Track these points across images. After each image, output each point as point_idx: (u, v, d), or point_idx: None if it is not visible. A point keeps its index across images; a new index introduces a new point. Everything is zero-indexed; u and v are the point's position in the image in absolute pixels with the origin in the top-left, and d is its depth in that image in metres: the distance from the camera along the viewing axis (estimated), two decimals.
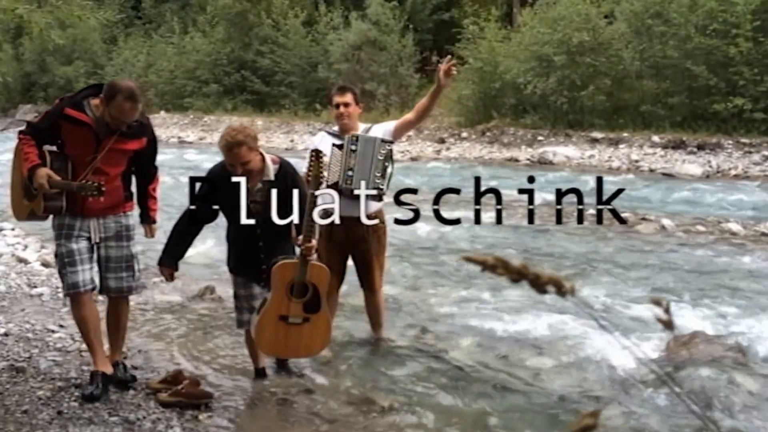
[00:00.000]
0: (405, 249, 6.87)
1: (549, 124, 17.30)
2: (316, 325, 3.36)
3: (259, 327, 3.33)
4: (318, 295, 3.32)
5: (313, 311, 3.34)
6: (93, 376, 3.28)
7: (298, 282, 3.27)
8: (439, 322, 4.66)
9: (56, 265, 3.40)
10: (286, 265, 3.29)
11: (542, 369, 3.91)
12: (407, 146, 18.20)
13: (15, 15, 4.18)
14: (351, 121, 4.07)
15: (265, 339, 3.36)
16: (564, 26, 17.00)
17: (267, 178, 3.31)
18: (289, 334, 3.33)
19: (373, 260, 4.13)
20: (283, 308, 3.30)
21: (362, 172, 3.91)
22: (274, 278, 3.28)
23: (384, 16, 22.42)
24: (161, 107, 26.28)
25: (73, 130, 3.21)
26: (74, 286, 3.24)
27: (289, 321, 3.30)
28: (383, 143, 3.97)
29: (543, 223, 8.45)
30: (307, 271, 3.27)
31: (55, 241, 3.36)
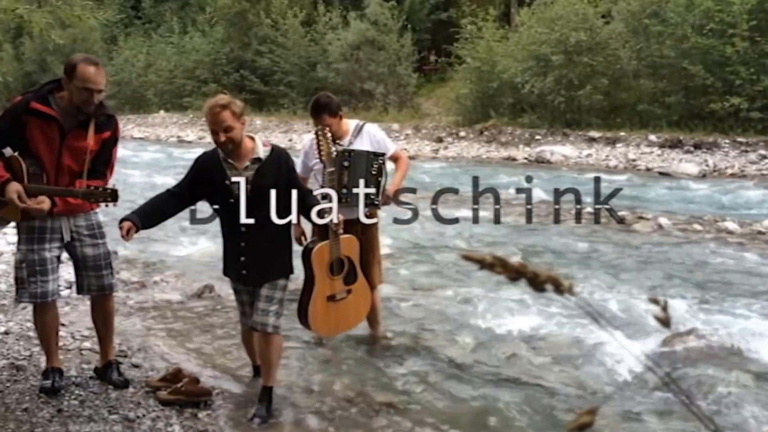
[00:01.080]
0: (403, 248, 6.88)
1: (546, 124, 17.31)
2: (359, 293, 3.55)
3: (312, 314, 3.40)
4: (354, 266, 3.50)
5: (353, 282, 3.52)
6: (47, 372, 3.30)
7: (335, 259, 3.40)
8: (437, 321, 4.66)
9: (20, 269, 3.16)
10: (322, 248, 3.37)
11: (540, 367, 3.91)
12: (405, 145, 18.23)
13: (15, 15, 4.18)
14: (338, 132, 3.91)
15: (321, 323, 3.47)
16: (561, 26, 17.02)
17: (256, 155, 3.08)
18: (338, 310, 3.48)
19: (369, 257, 4.05)
20: (329, 289, 3.43)
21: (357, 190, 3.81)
22: (315, 263, 3.36)
23: (382, 15, 22.45)
24: (160, 107, 26.32)
25: (37, 124, 3.05)
26: (44, 295, 3.17)
27: (336, 299, 3.45)
28: (375, 157, 3.89)
29: (541, 221, 8.48)
30: (340, 246, 3.39)
31: (21, 245, 3.16)
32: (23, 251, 3.15)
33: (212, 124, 2.97)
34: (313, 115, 3.95)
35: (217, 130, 2.97)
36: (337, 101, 4.00)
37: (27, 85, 29.97)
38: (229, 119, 2.96)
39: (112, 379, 3.39)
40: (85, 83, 3.02)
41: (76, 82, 3.02)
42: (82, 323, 4.23)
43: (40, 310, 3.26)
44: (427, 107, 22.52)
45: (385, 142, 4.10)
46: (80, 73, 3.01)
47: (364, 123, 4.12)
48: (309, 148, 3.96)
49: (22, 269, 3.15)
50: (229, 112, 2.97)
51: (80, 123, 3.13)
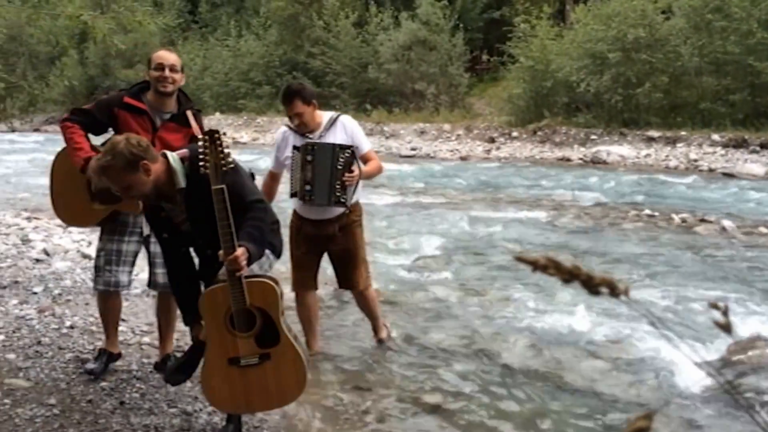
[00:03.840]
0: (453, 249, 6.84)
1: (603, 123, 16.92)
2: (281, 360, 2.60)
3: (207, 379, 2.62)
4: (271, 321, 2.57)
5: (272, 344, 2.59)
6: (100, 352, 3.45)
7: (238, 311, 2.53)
8: (488, 323, 4.60)
9: (98, 257, 3.34)
10: (213, 291, 2.55)
11: (595, 372, 3.81)
12: (456, 145, 18.14)
13: (80, 21, 4.37)
14: (310, 124, 3.65)
15: (218, 392, 2.62)
16: (619, 22, 16.59)
17: (178, 185, 2.64)
18: (248, 381, 2.59)
19: (352, 257, 3.78)
20: (230, 348, 2.57)
21: (321, 187, 3.54)
22: (203, 312, 2.59)
23: (434, 15, 22.37)
24: (216, 109, 26.93)
25: (130, 118, 3.21)
26: (116, 284, 3.34)
27: (242, 364, 2.58)
28: (342, 150, 3.53)
29: (597, 223, 8.29)
30: (244, 293, 2.52)
31: (103, 235, 3.35)
32: (104, 240, 3.35)
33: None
34: (283, 102, 3.64)
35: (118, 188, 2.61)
36: (311, 89, 3.73)
37: (90, 88, 31.26)
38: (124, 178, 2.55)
39: None
40: (157, 60, 3.23)
41: (152, 65, 3.23)
42: (142, 319, 4.38)
43: (103, 298, 3.42)
44: (479, 107, 22.32)
45: (359, 138, 3.74)
46: (153, 56, 3.26)
47: (340, 114, 3.80)
48: (281, 141, 3.75)
49: (100, 257, 3.35)
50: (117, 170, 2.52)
51: (172, 117, 3.30)
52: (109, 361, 3.46)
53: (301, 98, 3.59)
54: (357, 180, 3.59)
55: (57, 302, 4.48)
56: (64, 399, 3.14)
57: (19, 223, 6.75)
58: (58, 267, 5.33)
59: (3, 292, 4.63)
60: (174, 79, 3.25)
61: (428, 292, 5.29)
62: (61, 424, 2.90)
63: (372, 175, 3.79)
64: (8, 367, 3.44)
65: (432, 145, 18.52)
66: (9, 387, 3.21)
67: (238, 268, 2.48)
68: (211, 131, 2.52)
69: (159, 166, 2.60)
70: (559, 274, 0.77)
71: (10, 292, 4.65)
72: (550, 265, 0.77)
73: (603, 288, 0.76)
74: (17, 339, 3.83)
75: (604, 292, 0.76)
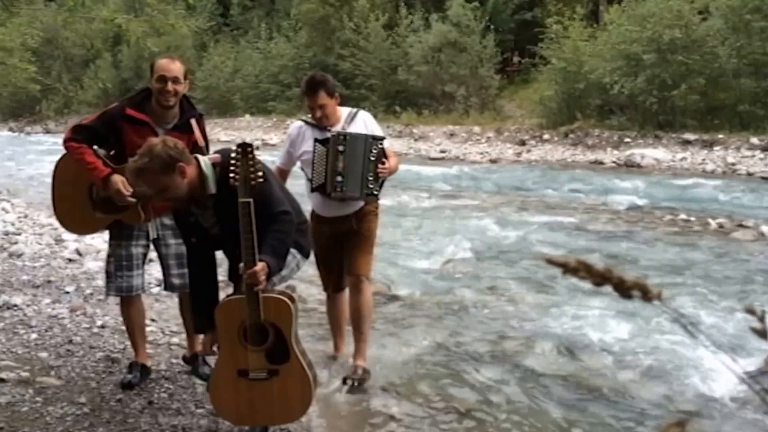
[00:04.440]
0: (484, 252, 6.77)
1: (637, 125, 16.62)
2: (288, 378, 2.62)
3: (214, 387, 2.67)
4: (283, 339, 2.59)
5: (281, 360, 2.60)
6: (133, 365, 3.42)
7: (252, 325, 2.56)
8: (518, 327, 4.54)
9: (109, 263, 3.33)
10: (229, 303, 2.60)
11: (626, 379, 3.73)
12: (486, 148, 17.99)
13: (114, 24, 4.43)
14: (331, 118, 3.51)
15: (226, 402, 2.66)
16: (654, 23, 16.28)
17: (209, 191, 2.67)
18: (255, 394, 2.62)
19: (362, 242, 3.57)
20: (240, 361, 2.60)
21: (353, 178, 3.38)
22: (218, 323, 2.62)
23: (465, 17, 22.26)
24: (246, 110, 27.23)
25: (133, 130, 3.14)
26: (129, 289, 3.33)
27: (250, 376, 2.61)
28: (374, 141, 3.42)
29: (630, 228, 8.12)
30: (259, 308, 2.54)
31: (111, 240, 3.34)
32: (112, 246, 3.34)
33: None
34: (307, 92, 3.45)
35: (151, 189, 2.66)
36: (334, 82, 3.57)
37: (123, 90, 31.84)
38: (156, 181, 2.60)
39: (199, 372, 3.51)
40: (159, 71, 3.14)
41: (154, 75, 3.16)
42: (172, 319, 4.41)
43: (125, 304, 3.42)
44: (509, 109, 22.12)
45: (380, 133, 3.61)
46: (156, 66, 3.18)
47: (359, 110, 3.65)
48: (296, 136, 3.57)
49: (110, 263, 3.34)
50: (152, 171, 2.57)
51: (175, 126, 3.26)
52: (144, 373, 3.43)
53: (325, 89, 3.44)
54: (389, 173, 3.48)
55: (88, 302, 4.54)
56: (94, 398, 3.17)
57: (52, 224, 6.87)
58: (90, 267, 5.41)
59: (36, 291, 4.72)
60: (176, 90, 3.18)
61: (456, 296, 5.24)
62: (90, 423, 2.93)
63: (396, 170, 3.65)
64: (40, 365, 3.49)
65: (461, 147, 18.41)
66: (41, 385, 3.25)
67: (256, 282, 2.49)
68: (243, 144, 2.52)
69: (193, 169, 2.61)
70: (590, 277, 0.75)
71: (43, 291, 4.73)
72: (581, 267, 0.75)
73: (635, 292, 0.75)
74: (49, 338, 3.88)
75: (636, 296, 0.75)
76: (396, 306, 4.97)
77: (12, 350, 3.66)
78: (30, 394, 3.13)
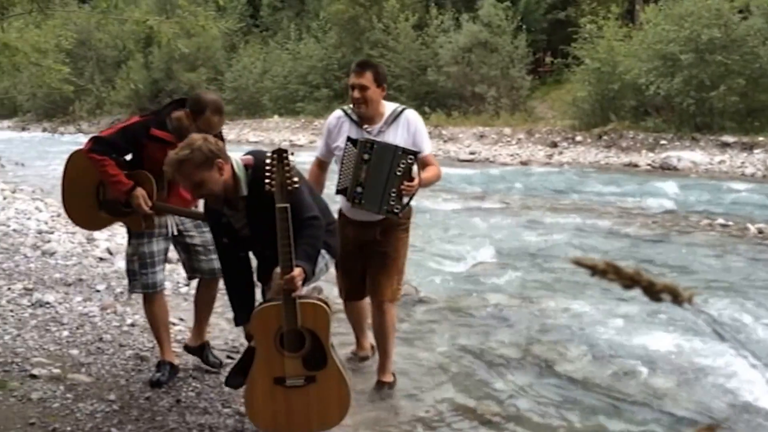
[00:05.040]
0: (513, 255, 6.68)
1: (673, 127, 16.25)
2: (326, 384, 2.59)
3: (250, 395, 2.62)
4: (320, 344, 2.56)
5: (319, 366, 2.58)
6: (160, 364, 3.46)
7: (289, 331, 2.53)
8: (547, 332, 4.48)
9: (131, 262, 3.38)
10: (265, 309, 2.56)
11: (657, 385, 3.66)
12: (517, 150, 17.80)
13: (146, 26, 4.48)
14: (370, 107, 3.24)
15: (261, 410, 2.62)
16: (692, 22, 15.90)
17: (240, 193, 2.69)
18: (291, 401, 2.58)
19: (387, 263, 3.36)
20: (276, 368, 2.56)
21: (374, 192, 3.15)
22: (254, 329, 2.60)
23: (496, 17, 22.04)
24: (275, 111, 27.39)
25: (157, 148, 3.22)
26: (153, 286, 3.39)
27: (287, 384, 2.58)
28: (404, 155, 3.13)
29: (666, 232, 7.93)
30: (296, 314, 2.52)
31: (132, 239, 3.39)
32: (134, 245, 3.39)
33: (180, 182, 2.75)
34: (354, 69, 3.25)
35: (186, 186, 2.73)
36: (386, 74, 3.33)
37: (155, 91, 32.40)
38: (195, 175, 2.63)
39: (209, 360, 3.56)
40: (208, 130, 3.19)
41: (200, 124, 3.22)
42: None
43: (149, 301, 3.46)
44: (541, 111, 21.84)
45: (422, 138, 3.31)
46: (206, 120, 3.23)
47: (405, 108, 3.36)
48: (334, 127, 3.36)
49: (133, 262, 3.39)
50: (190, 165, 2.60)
51: None
52: (172, 372, 3.47)
53: (374, 72, 3.22)
54: (415, 191, 3.20)
55: (118, 300, 4.60)
56: (124, 395, 3.20)
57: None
58: (120, 266, 5.48)
59: (68, 290, 4.79)
60: None
61: (485, 299, 5.20)
62: (119, 420, 2.96)
63: (430, 182, 3.38)
64: (71, 362, 3.54)
65: (491, 149, 18.23)
66: (72, 382, 3.30)
67: (293, 288, 2.50)
68: (279, 150, 2.54)
69: (229, 169, 2.64)
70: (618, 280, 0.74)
71: (75, 290, 4.80)
72: (610, 270, 0.74)
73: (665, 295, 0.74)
74: (80, 335, 3.94)
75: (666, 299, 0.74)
76: (423, 309, 4.94)
77: (44, 347, 3.72)
78: (61, 391, 3.18)
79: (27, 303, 4.39)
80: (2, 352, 3.60)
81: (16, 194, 9.47)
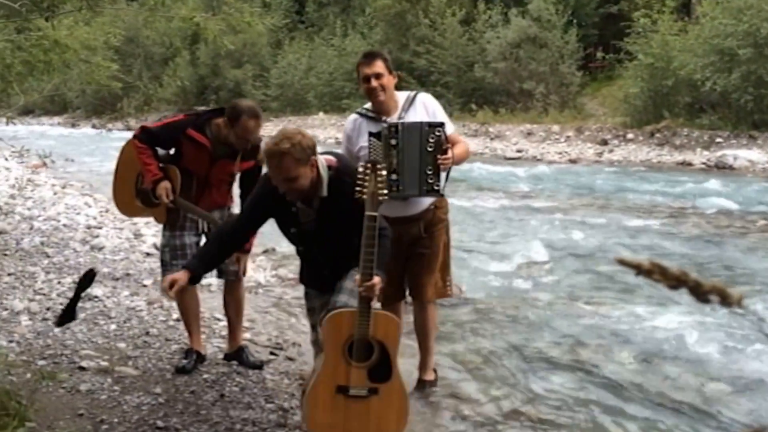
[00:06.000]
0: (562, 255, 6.55)
1: (730, 125, 15.64)
2: (388, 398, 2.55)
3: (310, 401, 2.58)
4: (388, 357, 2.53)
5: (383, 379, 2.55)
6: (188, 352, 3.56)
7: (359, 339, 2.51)
8: (594, 334, 4.37)
9: (164, 253, 3.51)
10: (339, 316, 2.54)
11: (709, 391, 3.53)
12: (566, 148, 17.43)
13: (193, 23, 4.55)
14: (387, 95, 3.18)
15: (320, 417, 2.58)
16: (751, 16, 15.25)
17: (320, 194, 2.66)
18: (351, 411, 2.55)
19: (428, 262, 3.30)
20: (341, 376, 2.54)
21: (410, 174, 3.06)
22: (325, 335, 2.57)
23: (546, 11, 21.61)
24: (320, 108, 27.48)
25: (191, 148, 3.40)
26: None
27: (350, 393, 2.55)
28: (431, 129, 3.06)
29: (719, 233, 7.63)
30: (369, 323, 2.51)
31: (165, 231, 3.51)
32: (166, 237, 3.52)
33: (274, 173, 2.67)
34: (363, 61, 3.20)
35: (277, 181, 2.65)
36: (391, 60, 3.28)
37: (201, 88, 32.98)
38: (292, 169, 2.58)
39: (249, 362, 3.58)
40: (245, 135, 3.33)
41: (237, 130, 3.32)
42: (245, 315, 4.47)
43: (180, 292, 3.50)
44: (591, 108, 21.33)
45: (442, 117, 3.24)
46: (242, 125, 3.30)
47: (417, 92, 3.35)
48: (352, 131, 3.28)
49: (165, 252, 3.51)
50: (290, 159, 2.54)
51: (229, 154, 3.45)
52: (199, 360, 3.55)
53: (384, 60, 3.18)
54: (451, 163, 3.11)
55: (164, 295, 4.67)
56: (169, 389, 3.26)
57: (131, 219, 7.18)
58: None
59: (116, 284, 4.91)
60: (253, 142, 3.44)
61: (531, 300, 5.12)
62: (165, 413, 3.00)
63: (462, 159, 3.27)
64: (119, 355, 3.62)
65: (539, 147, 17.90)
66: (119, 374, 3.37)
67: (372, 296, 2.50)
68: (373, 161, 2.56)
69: (316, 167, 2.63)
70: (664, 280, 0.73)
71: (123, 284, 4.92)
72: (655, 269, 0.73)
73: (713, 296, 0.73)
74: (128, 329, 4.02)
75: (713, 301, 0.73)
76: (468, 309, 4.90)
77: (93, 340, 3.81)
78: (108, 383, 3.25)
79: None
80: (52, 344, 3.71)
81: (66, 190, 9.77)
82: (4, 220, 6.96)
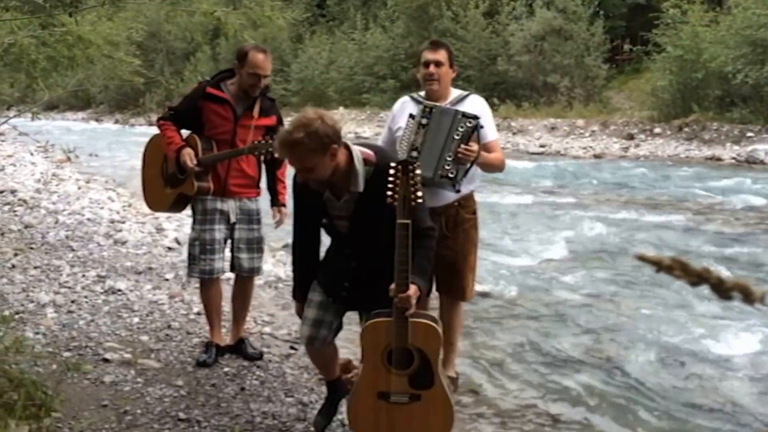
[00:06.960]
0: (584, 251, 6.48)
1: (762, 119, 15.28)
2: (431, 404, 2.54)
3: (354, 406, 2.62)
4: (429, 364, 2.51)
5: (425, 386, 2.53)
6: (208, 346, 3.58)
7: (398, 348, 2.49)
8: (617, 332, 4.32)
9: (193, 246, 3.48)
10: (377, 325, 2.50)
11: (733, 390, 3.48)
12: (590, 142, 17.20)
13: (214, 17, 4.56)
14: (441, 85, 3.17)
15: (362, 422, 2.61)
16: None
17: (354, 189, 2.52)
18: (394, 418, 2.56)
19: (460, 265, 3.25)
20: (382, 383, 2.54)
21: (429, 155, 2.99)
22: (365, 342, 2.56)
23: (572, 2, 21.28)
24: (340, 103, 27.35)
25: (213, 108, 3.38)
26: (211, 272, 3.48)
27: (391, 400, 2.55)
28: (465, 118, 3.02)
29: (749, 230, 7.46)
30: (408, 331, 2.47)
31: (195, 225, 3.49)
32: (197, 230, 3.49)
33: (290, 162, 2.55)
34: (429, 47, 3.21)
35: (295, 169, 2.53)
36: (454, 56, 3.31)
37: None
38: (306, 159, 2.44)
39: (249, 353, 3.61)
40: (255, 69, 3.33)
41: (247, 68, 3.33)
42: (265, 309, 4.50)
43: (206, 286, 3.57)
44: (617, 101, 20.99)
45: (488, 122, 3.17)
46: (251, 59, 3.32)
47: (471, 93, 3.33)
48: (398, 111, 3.28)
49: (194, 246, 3.49)
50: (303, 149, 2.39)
51: (249, 106, 3.45)
52: (218, 353, 3.58)
53: (448, 52, 3.20)
54: (474, 158, 3.03)
55: (186, 289, 4.73)
56: (190, 381, 3.29)
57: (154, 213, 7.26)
58: None
59: (139, 278, 4.97)
60: (264, 83, 3.41)
61: (553, 297, 5.09)
62: (186, 405, 3.03)
63: (491, 164, 3.19)
64: (142, 348, 3.66)
65: (563, 141, 17.69)
66: (142, 367, 3.41)
67: (407, 307, 2.41)
68: (405, 162, 2.37)
69: (342, 155, 2.47)
70: (685, 276, 0.73)
71: (145, 278, 4.97)
72: (676, 266, 0.73)
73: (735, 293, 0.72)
74: (150, 322, 4.07)
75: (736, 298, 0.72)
76: (489, 304, 4.88)
77: (116, 332, 3.86)
78: (132, 375, 3.29)
79: (100, 290, 4.57)
80: (77, 336, 3.76)
81: (90, 184, 9.89)
82: (30, 214, 7.09)
